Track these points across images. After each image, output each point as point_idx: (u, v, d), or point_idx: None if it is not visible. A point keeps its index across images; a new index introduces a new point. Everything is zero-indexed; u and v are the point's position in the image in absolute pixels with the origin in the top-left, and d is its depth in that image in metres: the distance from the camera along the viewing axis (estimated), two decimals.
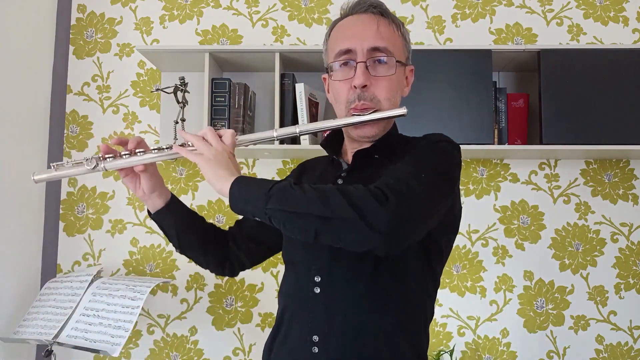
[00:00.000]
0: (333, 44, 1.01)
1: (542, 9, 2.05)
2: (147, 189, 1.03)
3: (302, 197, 0.82)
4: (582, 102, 1.74)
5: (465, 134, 1.74)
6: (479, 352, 1.93)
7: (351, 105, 0.97)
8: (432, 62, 1.76)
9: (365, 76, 0.95)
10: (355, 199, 0.79)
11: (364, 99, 0.95)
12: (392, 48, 0.98)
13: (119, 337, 1.53)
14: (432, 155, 0.94)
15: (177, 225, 1.08)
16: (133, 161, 0.98)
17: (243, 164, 2.02)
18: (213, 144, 0.93)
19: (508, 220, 1.98)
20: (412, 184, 0.83)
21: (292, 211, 0.82)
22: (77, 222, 2.02)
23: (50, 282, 1.84)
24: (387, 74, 0.97)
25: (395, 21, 1.02)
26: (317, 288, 0.94)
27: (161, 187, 1.06)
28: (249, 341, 1.97)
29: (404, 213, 0.81)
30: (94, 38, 2.08)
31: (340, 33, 1.01)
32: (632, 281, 1.94)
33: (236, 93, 1.84)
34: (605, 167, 1.98)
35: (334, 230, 0.81)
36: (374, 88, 0.96)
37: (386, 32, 0.98)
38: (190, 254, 1.14)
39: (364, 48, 0.96)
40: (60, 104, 2.04)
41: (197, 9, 2.08)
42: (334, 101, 1.03)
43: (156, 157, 0.98)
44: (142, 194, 1.04)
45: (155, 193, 1.05)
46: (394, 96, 1.00)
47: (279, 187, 0.84)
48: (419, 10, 2.06)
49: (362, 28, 0.98)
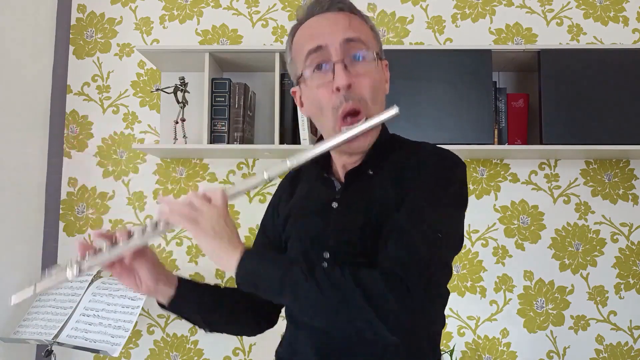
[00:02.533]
0: (299, 48, 0.91)
1: (542, 9, 2.05)
2: (150, 281, 0.89)
3: (319, 298, 0.76)
4: (582, 102, 1.74)
5: (465, 134, 1.74)
6: (479, 352, 1.93)
7: (339, 110, 0.87)
8: (432, 62, 1.76)
9: (347, 75, 0.85)
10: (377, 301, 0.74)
11: (351, 99, 0.86)
12: (365, 39, 0.89)
13: (119, 337, 1.53)
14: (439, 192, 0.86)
15: (198, 308, 0.96)
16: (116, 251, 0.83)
17: (243, 163, 2.02)
18: (204, 211, 0.81)
19: (508, 220, 1.98)
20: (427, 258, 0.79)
21: (308, 311, 0.79)
22: (77, 222, 2.01)
23: None
24: (368, 70, 0.88)
25: (363, 16, 0.93)
26: None
27: (166, 274, 0.92)
28: (249, 341, 1.97)
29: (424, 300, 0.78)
30: (94, 38, 2.08)
31: (305, 35, 0.91)
32: (632, 281, 1.94)
33: (236, 93, 1.84)
34: (605, 167, 1.98)
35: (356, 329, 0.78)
36: (359, 88, 0.87)
37: (357, 25, 0.90)
38: (220, 330, 1.02)
39: (337, 42, 0.87)
40: (60, 104, 2.04)
41: (197, 9, 2.08)
42: (316, 112, 0.92)
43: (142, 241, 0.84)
44: (147, 289, 0.90)
45: (162, 282, 0.91)
46: (379, 94, 0.91)
47: (292, 279, 0.78)
48: (419, 10, 2.06)
49: (330, 23, 0.89)
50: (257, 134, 1.98)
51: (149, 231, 0.83)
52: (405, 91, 1.73)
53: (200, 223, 0.80)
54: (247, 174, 2.02)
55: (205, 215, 0.81)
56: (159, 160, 2.03)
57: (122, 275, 0.89)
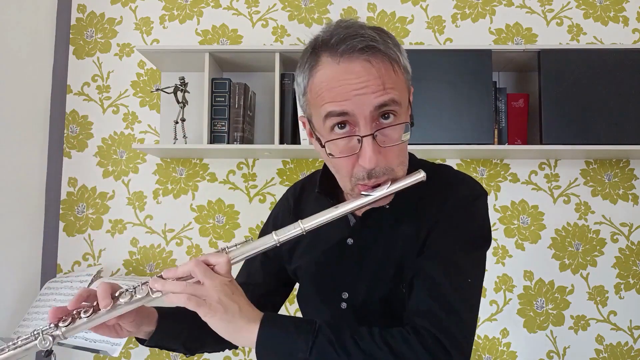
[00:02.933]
0: (318, 99, 0.78)
1: (542, 9, 2.05)
2: (132, 328, 0.83)
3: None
4: (582, 102, 1.74)
5: (465, 134, 1.74)
6: (479, 352, 1.93)
7: (359, 181, 0.79)
8: (432, 62, 1.76)
9: (376, 153, 0.76)
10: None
11: (375, 175, 0.78)
12: (397, 95, 0.77)
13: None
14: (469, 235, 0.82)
15: (180, 339, 0.91)
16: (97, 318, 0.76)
17: (243, 163, 2.02)
18: (207, 283, 0.74)
19: (508, 220, 1.98)
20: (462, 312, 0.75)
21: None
22: (77, 222, 2.01)
23: (50, 282, 1.84)
24: (399, 141, 0.78)
25: (395, 56, 0.78)
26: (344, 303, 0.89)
27: (147, 314, 0.86)
28: None
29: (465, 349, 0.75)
30: (94, 38, 2.08)
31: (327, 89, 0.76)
32: (632, 281, 1.94)
33: (236, 93, 1.84)
34: (605, 167, 1.98)
35: None
36: (386, 159, 0.78)
37: (390, 79, 0.77)
38: (204, 351, 0.97)
39: (367, 111, 0.75)
40: (60, 104, 2.04)
41: (197, 9, 2.08)
42: (331, 169, 0.84)
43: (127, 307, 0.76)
44: (127, 334, 0.84)
45: (144, 325, 0.85)
46: (406, 157, 0.83)
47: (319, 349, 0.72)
48: (419, 10, 2.06)
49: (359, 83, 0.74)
50: (257, 134, 1.98)
51: (138, 298, 0.76)
52: None
53: (206, 300, 0.73)
54: (247, 174, 2.02)
55: (211, 289, 0.73)
56: (159, 160, 2.03)
57: (101, 330, 0.80)
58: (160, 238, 2.00)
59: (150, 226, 2.01)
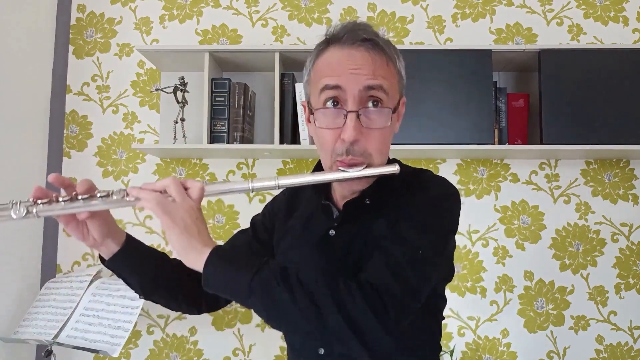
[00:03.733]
0: (318, 76, 0.88)
1: (542, 9, 2.05)
2: (98, 235, 0.86)
3: (292, 305, 0.73)
4: (582, 102, 1.74)
5: (465, 134, 1.74)
6: (479, 353, 1.93)
7: (338, 157, 0.85)
8: (432, 62, 1.76)
9: (357, 130, 0.83)
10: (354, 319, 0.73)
11: (353, 153, 0.84)
12: (388, 87, 0.86)
13: (119, 338, 1.53)
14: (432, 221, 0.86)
15: (138, 271, 0.93)
16: (73, 208, 0.80)
17: (243, 164, 2.02)
18: (178, 200, 0.79)
19: (508, 221, 1.98)
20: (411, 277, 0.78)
21: (279, 316, 0.75)
22: None
23: (50, 282, 1.84)
24: (381, 126, 0.85)
25: (392, 56, 0.89)
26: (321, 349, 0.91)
27: (115, 231, 0.89)
28: (249, 341, 1.97)
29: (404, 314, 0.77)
30: (93, 38, 2.08)
31: (327, 66, 0.87)
32: (632, 281, 1.94)
33: (236, 93, 1.84)
34: (605, 167, 1.98)
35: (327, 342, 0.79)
36: (366, 141, 0.85)
37: (382, 69, 0.86)
38: (156, 300, 0.98)
39: (356, 89, 0.83)
40: (60, 104, 2.04)
41: (197, 8, 2.08)
42: (317, 145, 0.91)
43: (102, 205, 0.81)
44: (92, 242, 0.87)
45: (109, 238, 0.88)
46: (386, 147, 0.90)
47: (262, 280, 0.74)
48: (419, 10, 2.06)
49: (354, 63, 0.84)
50: (257, 134, 1.98)
51: (114, 199, 0.81)
52: (406, 91, 1.73)
53: (171, 213, 0.77)
54: (247, 174, 2.02)
55: (178, 206, 0.78)
56: (159, 160, 2.03)
57: (70, 224, 0.84)
58: (160, 238, 2.00)
59: (150, 226, 2.00)
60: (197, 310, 1.03)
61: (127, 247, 0.91)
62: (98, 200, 0.80)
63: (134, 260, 0.93)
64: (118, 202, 0.81)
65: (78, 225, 0.85)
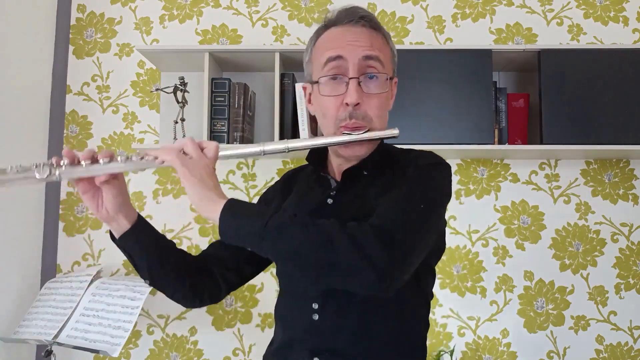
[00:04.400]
0: (320, 52, 0.96)
1: (542, 9, 2.05)
2: (111, 208, 0.89)
3: (303, 237, 0.77)
4: (582, 102, 1.74)
5: (465, 134, 1.74)
6: (479, 353, 1.93)
7: (341, 123, 0.92)
8: (432, 62, 1.76)
9: (359, 94, 0.91)
10: (362, 244, 0.76)
11: (355, 117, 0.91)
12: (383, 59, 0.94)
13: (119, 338, 1.53)
14: (424, 183, 0.90)
15: (148, 252, 0.94)
16: (94, 170, 0.84)
17: (243, 163, 2.02)
18: (195, 157, 0.84)
19: (508, 221, 1.98)
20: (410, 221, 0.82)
21: (292, 251, 0.78)
22: (76, 222, 2.01)
23: (50, 282, 1.84)
24: (379, 92, 0.94)
25: (385, 33, 0.98)
26: (316, 315, 0.93)
27: (128, 207, 0.92)
28: (249, 341, 1.97)
29: (407, 255, 0.80)
30: (93, 38, 2.08)
31: (328, 42, 0.95)
32: (632, 281, 1.94)
33: (236, 93, 1.84)
34: (605, 167, 1.98)
35: (338, 275, 0.78)
36: (366, 106, 0.92)
37: (378, 43, 0.95)
38: (163, 286, 0.99)
39: (356, 58, 0.92)
40: (60, 104, 2.04)
41: (197, 8, 2.08)
42: (321, 116, 0.97)
43: (123, 167, 0.85)
44: (105, 215, 0.90)
45: (122, 214, 0.91)
46: (385, 113, 0.97)
47: (277, 222, 0.78)
48: (419, 10, 2.06)
49: (353, 36, 0.93)
50: (257, 134, 1.98)
51: (133, 160, 0.85)
52: (405, 91, 1.73)
53: (189, 167, 0.82)
54: (247, 174, 2.02)
55: (196, 162, 0.83)
56: None
57: (87, 193, 0.89)
58: None
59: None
60: (199, 299, 1.03)
61: (138, 226, 0.94)
62: (118, 163, 0.84)
63: (144, 240, 0.94)
64: (138, 163, 0.85)
65: (94, 196, 0.89)
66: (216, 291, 1.05)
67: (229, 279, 1.06)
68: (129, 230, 0.93)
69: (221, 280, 1.04)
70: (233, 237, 0.81)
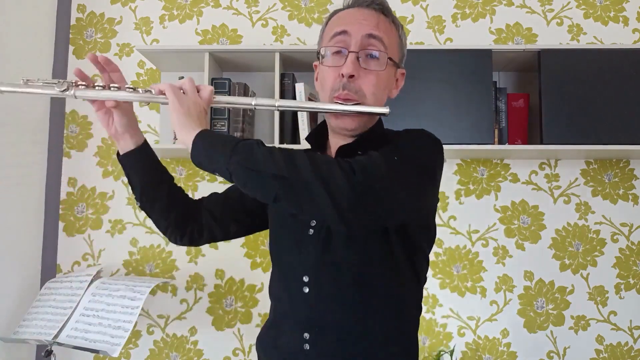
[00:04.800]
0: (329, 29, 1.00)
1: (542, 9, 2.05)
2: (120, 126, 0.99)
3: (268, 156, 0.80)
4: (582, 102, 1.74)
5: (465, 134, 1.74)
6: (479, 353, 1.93)
7: (335, 93, 0.94)
8: (432, 62, 1.76)
9: (355, 66, 0.93)
10: (321, 167, 0.78)
11: (348, 89, 0.93)
12: (387, 42, 0.96)
13: (119, 338, 1.53)
14: (409, 147, 0.92)
15: (144, 173, 1.03)
16: (104, 95, 0.95)
17: None
18: (188, 94, 0.92)
19: (508, 221, 1.98)
20: (382, 165, 0.82)
21: (255, 169, 0.80)
22: (77, 222, 2.01)
23: (50, 282, 1.84)
24: (376, 69, 0.95)
25: (396, 21, 1.01)
26: (306, 287, 0.94)
27: (135, 129, 1.02)
28: (249, 341, 1.97)
29: (368, 190, 0.79)
30: (93, 38, 2.08)
31: (338, 19, 0.99)
32: (632, 281, 1.94)
33: (236, 93, 1.84)
34: (605, 167, 1.98)
35: (294, 195, 0.79)
36: (361, 81, 0.94)
37: (384, 27, 0.97)
38: (150, 211, 1.07)
39: (360, 34, 0.94)
40: (60, 104, 2.04)
41: (197, 8, 2.08)
42: (320, 88, 1.01)
43: (129, 96, 0.95)
44: (114, 132, 1.01)
45: (128, 134, 1.01)
46: (381, 93, 0.98)
47: (245, 144, 0.82)
48: (419, 10, 2.06)
49: (362, 17, 0.96)
50: (257, 134, 1.98)
51: (139, 92, 0.94)
52: (405, 91, 1.72)
53: (181, 99, 0.90)
54: None
55: (188, 97, 0.91)
56: None
57: (100, 110, 1.00)
58: (159, 238, 2.00)
59: (150, 226, 2.00)
60: (180, 235, 1.10)
61: (142, 148, 1.03)
62: (126, 92, 0.94)
63: (145, 161, 1.03)
64: (142, 95, 0.94)
65: (106, 113, 1.00)
66: (197, 235, 1.11)
67: (213, 230, 1.11)
68: (133, 149, 1.02)
69: (205, 229, 1.11)
70: (203, 158, 0.84)
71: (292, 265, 0.98)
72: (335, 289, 0.93)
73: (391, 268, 0.94)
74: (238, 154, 0.81)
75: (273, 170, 0.78)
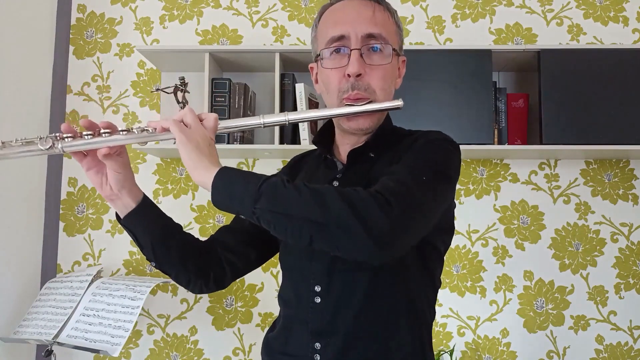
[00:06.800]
0: (324, 30, 0.95)
1: (542, 9, 2.05)
2: (115, 184, 0.88)
3: (297, 198, 0.75)
4: (582, 102, 1.74)
5: (465, 134, 1.74)
6: (479, 352, 1.93)
7: (344, 94, 0.91)
8: (432, 62, 1.76)
9: (360, 64, 0.89)
10: (357, 205, 0.73)
11: (357, 88, 0.90)
12: (387, 35, 0.93)
13: (119, 337, 1.53)
14: (432, 155, 0.89)
15: (153, 229, 0.93)
16: (96, 142, 0.83)
17: (242, 163, 2.02)
18: (192, 127, 0.83)
19: (508, 220, 1.98)
20: (413, 188, 0.79)
21: (284, 213, 0.75)
22: (77, 222, 2.01)
23: (50, 282, 1.84)
24: (382, 63, 0.92)
25: (390, 8, 0.97)
26: (318, 298, 0.92)
27: (132, 184, 0.91)
28: (249, 341, 1.97)
29: (407, 221, 0.76)
30: (94, 38, 2.08)
31: (331, 18, 0.94)
32: (632, 281, 1.94)
33: (236, 93, 1.84)
34: (605, 167, 1.98)
35: (331, 237, 0.74)
36: (369, 77, 0.91)
37: (381, 19, 0.93)
38: (169, 268, 0.97)
39: (359, 34, 0.90)
40: (60, 104, 2.04)
41: (197, 9, 2.08)
42: (324, 91, 0.97)
43: (125, 139, 0.84)
44: (109, 192, 0.89)
45: (125, 190, 0.90)
46: (389, 86, 0.95)
47: (270, 184, 0.76)
48: (419, 10, 2.06)
49: (357, 13, 0.92)
50: (257, 134, 1.98)
51: (135, 133, 0.84)
52: (405, 91, 1.73)
53: (186, 133, 0.82)
54: None
55: (194, 130, 0.83)
56: (159, 160, 2.03)
57: (91, 169, 0.89)
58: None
59: None
60: (204, 283, 1.00)
61: (143, 205, 0.93)
62: (119, 135, 0.84)
63: (150, 217, 0.94)
64: (139, 135, 0.84)
65: (98, 172, 0.89)
66: (221, 276, 1.02)
67: (235, 263, 1.03)
68: (134, 209, 0.92)
69: (227, 265, 1.02)
70: (225, 201, 0.79)
71: (303, 274, 0.95)
72: (347, 298, 0.90)
73: (405, 275, 0.91)
74: (264, 197, 0.75)
75: (304, 214, 0.74)
